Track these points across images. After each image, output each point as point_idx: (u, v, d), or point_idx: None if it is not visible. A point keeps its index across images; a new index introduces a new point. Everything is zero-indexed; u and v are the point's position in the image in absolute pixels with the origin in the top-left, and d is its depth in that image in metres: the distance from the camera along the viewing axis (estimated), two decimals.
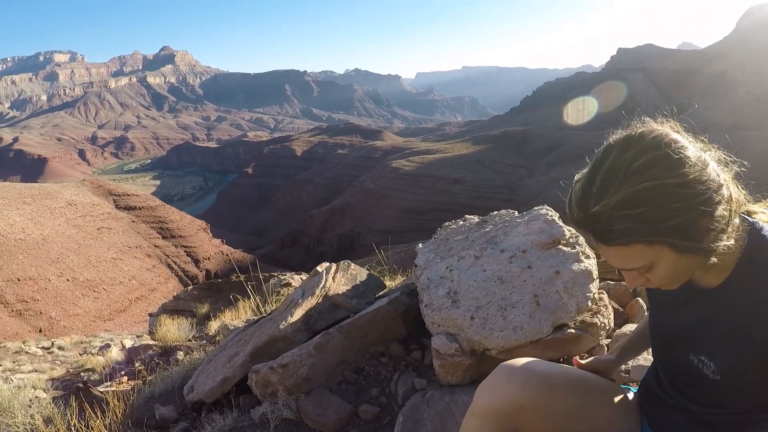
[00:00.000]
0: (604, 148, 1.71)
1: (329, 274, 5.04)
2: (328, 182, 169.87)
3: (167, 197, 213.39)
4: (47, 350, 21.52)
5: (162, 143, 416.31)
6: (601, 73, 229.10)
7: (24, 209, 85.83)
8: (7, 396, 5.62)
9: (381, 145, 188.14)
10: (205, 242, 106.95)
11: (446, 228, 4.79)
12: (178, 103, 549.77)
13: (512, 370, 2.19)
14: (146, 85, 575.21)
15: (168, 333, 9.61)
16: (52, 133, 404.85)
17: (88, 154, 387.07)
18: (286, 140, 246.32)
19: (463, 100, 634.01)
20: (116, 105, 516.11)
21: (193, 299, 15.27)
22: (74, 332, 54.28)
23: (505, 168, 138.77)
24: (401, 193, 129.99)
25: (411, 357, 4.36)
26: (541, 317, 3.55)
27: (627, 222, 1.55)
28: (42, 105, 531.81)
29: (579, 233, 1.70)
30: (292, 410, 4.05)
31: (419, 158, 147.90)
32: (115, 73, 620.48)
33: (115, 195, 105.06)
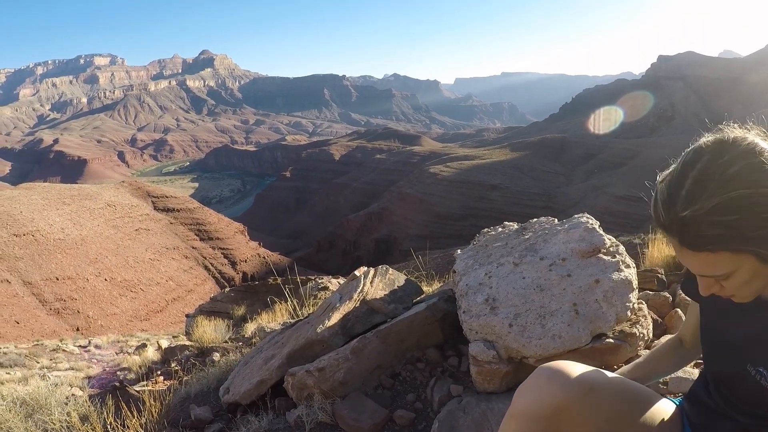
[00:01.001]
0: (694, 150, 1.63)
1: (367, 279, 5.04)
2: (366, 187, 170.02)
3: (205, 199, 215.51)
4: (84, 349, 21.83)
5: (201, 146, 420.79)
6: (641, 81, 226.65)
7: (63, 210, 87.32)
8: (44, 393, 5.68)
9: (419, 150, 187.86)
10: (242, 244, 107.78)
11: (485, 234, 4.77)
12: (217, 107, 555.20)
13: (553, 371, 2.17)
14: (185, 89, 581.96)
15: (204, 334, 9.68)
16: (92, 135, 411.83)
17: (128, 156, 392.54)
18: (324, 144, 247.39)
19: (502, 107, 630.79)
20: (156, 108, 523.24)
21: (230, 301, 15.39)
22: (111, 331, 55.04)
23: (544, 175, 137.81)
24: (438, 199, 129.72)
25: (447, 363, 4.34)
26: (579, 326, 3.52)
27: (719, 229, 1.51)
28: (82, 107, 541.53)
29: (663, 236, 1.62)
30: (327, 414, 4.05)
31: (457, 164, 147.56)
32: (154, 77, 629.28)
33: (153, 197, 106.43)
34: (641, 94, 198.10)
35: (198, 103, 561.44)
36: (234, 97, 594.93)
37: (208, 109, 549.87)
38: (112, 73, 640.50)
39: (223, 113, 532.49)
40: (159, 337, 22.63)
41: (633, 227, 75.59)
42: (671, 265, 6.01)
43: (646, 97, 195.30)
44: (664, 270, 5.64)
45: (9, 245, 74.50)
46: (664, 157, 7.34)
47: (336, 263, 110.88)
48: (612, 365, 3.64)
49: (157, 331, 42.43)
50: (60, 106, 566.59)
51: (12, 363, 17.16)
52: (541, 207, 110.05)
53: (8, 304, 66.60)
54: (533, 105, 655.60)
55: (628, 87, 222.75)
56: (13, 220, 78.70)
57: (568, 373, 2.16)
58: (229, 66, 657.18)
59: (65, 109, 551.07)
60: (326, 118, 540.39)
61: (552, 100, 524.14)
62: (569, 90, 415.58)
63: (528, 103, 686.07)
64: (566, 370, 2.17)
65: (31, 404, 5.55)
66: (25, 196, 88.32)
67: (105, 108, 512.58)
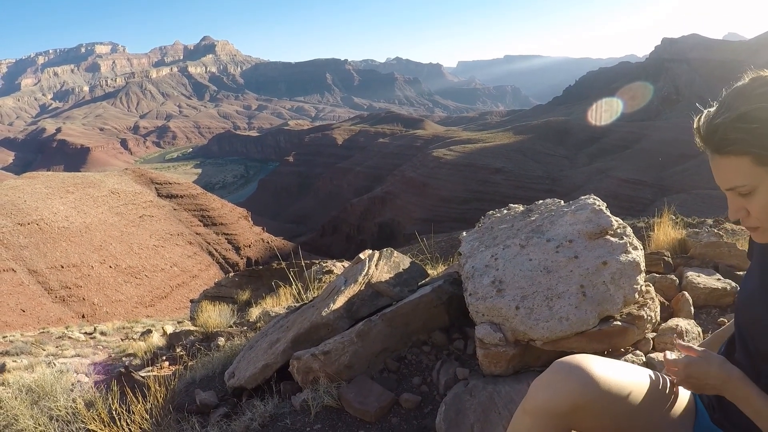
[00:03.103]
0: (736, 82, 1.92)
1: (372, 262, 5.01)
2: (369, 171, 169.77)
3: (208, 185, 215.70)
4: (90, 335, 21.90)
5: (203, 132, 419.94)
6: (645, 63, 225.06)
7: (67, 198, 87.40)
8: (50, 380, 5.69)
9: (422, 134, 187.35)
10: (246, 230, 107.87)
11: (490, 217, 4.73)
12: (219, 93, 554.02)
13: (571, 367, 2.14)
14: (187, 75, 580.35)
15: (209, 319, 9.69)
16: (94, 123, 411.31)
17: (130, 143, 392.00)
18: (327, 129, 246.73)
19: (505, 90, 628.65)
20: (158, 95, 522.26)
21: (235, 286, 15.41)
22: (116, 318, 55.23)
23: (547, 158, 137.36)
24: (442, 183, 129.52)
25: (453, 346, 4.33)
26: (587, 308, 3.49)
27: (741, 133, 1.79)
28: (84, 96, 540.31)
29: (700, 146, 1.95)
30: (333, 397, 4.04)
31: (460, 147, 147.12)
32: (156, 64, 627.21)
33: (156, 183, 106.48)
34: (641, 85, 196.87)
35: (200, 90, 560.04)
36: (236, 82, 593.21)
37: (211, 95, 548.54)
38: (113, 61, 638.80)
39: (225, 99, 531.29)
40: (164, 322, 22.68)
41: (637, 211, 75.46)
42: (677, 248, 5.99)
43: (646, 88, 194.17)
44: (670, 253, 5.62)
45: (14, 234, 74.62)
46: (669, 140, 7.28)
47: (340, 247, 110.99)
48: (619, 348, 3.63)
49: (162, 317, 42.54)
50: (62, 95, 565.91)
51: (18, 351, 17.22)
52: (545, 190, 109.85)
53: (14, 292, 66.76)
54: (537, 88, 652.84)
55: (632, 70, 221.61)
56: (17, 210, 78.78)
57: (587, 369, 2.13)
58: (231, 52, 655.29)
59: (67, 98, 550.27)
60: (329, 103, 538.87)
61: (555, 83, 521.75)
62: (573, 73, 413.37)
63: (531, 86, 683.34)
64: (585, 367, 2.14)
65: (36, 391, 5.56)
66: (29, 186, 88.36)
67: (107, 96, 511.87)
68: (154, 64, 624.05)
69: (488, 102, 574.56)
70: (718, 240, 5.65)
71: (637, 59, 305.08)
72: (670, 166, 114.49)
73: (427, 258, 7.29)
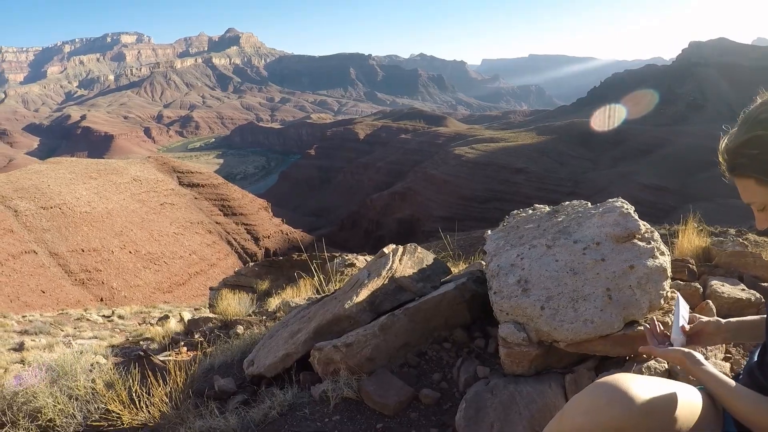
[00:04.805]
0: (755, 101, 2.10)
1: (396, 256, 5.01)
2: (390, 166, 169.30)
3: (230, 176, 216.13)
4: (108, 318, 22.15)
5: (226, 123, 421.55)
6: (671, 67, 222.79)
7: (90, 184, 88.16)
8: (70, 360, 5.75)
9: (444, 131, 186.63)
10: (266, 221, 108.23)
11: (515, 216, 4.72)
12: (242, 84, 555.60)
13: (613, 392, 2.12)
14: (211, 66, 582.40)
15: (229, 307, 9.75)
16: (118, 112, 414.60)
17: (154, 132, 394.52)
18: (349, 123, 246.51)
19: (529, 89, 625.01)
20: (182, 85, 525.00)
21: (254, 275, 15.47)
22: (134, 302, 55.74)
23: (570, 160, 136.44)
24: (463, 181, 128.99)
25: (474, 344, 4.32)
26: (612, 312, 3.47)
27: (744, 159, 2.00)
28: (109, 84, 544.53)
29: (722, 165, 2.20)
30: (353, 390, 4.05)
31: (483, 146, 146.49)
32: (180, 54, 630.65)
33: (178, 172, 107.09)
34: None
35: (224, 81, 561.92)
36: (260, 75, 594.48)
37: (234, 87, 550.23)
38: (138, 51, 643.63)
39: (248, 91, 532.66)
40: (181, 309, 22.85)
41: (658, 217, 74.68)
42: (701, 256, 5.93)
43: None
44: (694, 261, 5.57)
45: (36, 217, 75.41)
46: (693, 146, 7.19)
47: (358, 242, 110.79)
48: (642, 354, 3.60)
49: (179, 304, 42.83)
50: (87, 83, 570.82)
51: (37, 330, 17.46)
52: (567, 192, 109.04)
53: (35, 274, 67.50)
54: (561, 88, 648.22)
55: (659, 73, 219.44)
56: (41, 194, 79.60)
57: (629, 393, 2.11)
58: (255, 44, 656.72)
59: (92, 86, 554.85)
60: (352, 97, 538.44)
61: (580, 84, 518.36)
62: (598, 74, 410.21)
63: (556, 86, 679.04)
64: (627, 390, 2.12)
65: (57, 370, 5.61)
66: (53, 171, 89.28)
67: (132, 85, 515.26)
68: (179, 55, 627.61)
69: (512, 101, 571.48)
70: (743, 250, 5.58)
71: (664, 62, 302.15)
72: (694, 173, 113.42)
73: (449, 255, 7.28)
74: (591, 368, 3.59)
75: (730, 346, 3.99)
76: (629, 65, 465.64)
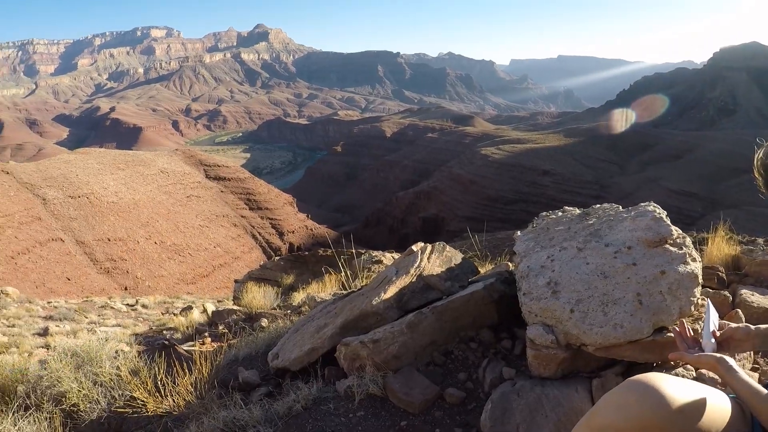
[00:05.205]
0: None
1: (424, 254, 5.01)
2: (416, 165, 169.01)
3: (256, 170, 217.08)
4: (131, 307, 22.41)
5: (254, 118, 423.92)
6: (701, 71, 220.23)
7: (118, 174, 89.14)
8: (95, 347, 5.82)
9: (471, 131, 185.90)
10: (291, 216, 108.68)
11: (545, 218, 4.70)
12: (270, 80, 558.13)
13: (645, 389, 2.13)
14: (240, 61, 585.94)
15: (254, 300, 9.81)
16: (147, 104, 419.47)
17: (182, 125, 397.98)
18: (376, 121, 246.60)
19: (558, 90, 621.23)
20: (210, 79, 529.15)
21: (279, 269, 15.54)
22: (158, 292, 56.29)
23: (597, 163, 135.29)
24: (489, 181, 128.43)
25: (501, 345, 4.31)
26: (642, 317, 3.45)
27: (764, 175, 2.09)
28: (138, 77, 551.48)
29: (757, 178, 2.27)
30: (378, 386, 4.06)
31: (509, 147, 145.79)
32: (209, 49, 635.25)
33: (205, 165, 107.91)
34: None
35: (252, 76, 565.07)
36: (288, 71, 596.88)
37: (262, 82, 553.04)
38: (168, 45, 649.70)
39: (276, 86, 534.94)
40: (204, 300, 23.03)
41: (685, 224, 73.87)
42: (730, 265, 5.88)
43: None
44: (723, 269, 5.52)
45: (64, 206, 76.39)
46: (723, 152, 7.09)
47: (382, 239, 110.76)
48: (670, 360, 3.57)
49: (202, 295, 43.18)
50: (117, 75, 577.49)
51: (62, 317, 17.71)
52: (593, 196, 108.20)
53: (61, 261, 68.42)
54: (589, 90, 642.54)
55: (688, 77, 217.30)
56: (69, 183, 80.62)
57: (660, 391, 2.12)
58: (284, 40, 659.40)
59: (122, 79, 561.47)
60: (379, 95, 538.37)
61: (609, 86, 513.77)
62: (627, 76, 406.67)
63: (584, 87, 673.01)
64: (659, 388, 2.13)
65: (82, 356, 5.68)
66: (82, 161, 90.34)
67: (161, 78, 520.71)
68: (208, 50, 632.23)
69: (540, 102, 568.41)
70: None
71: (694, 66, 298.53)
72: (723, 179, 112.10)
73: (475, 255, 7.26)
74: (619, 374, 3.57)
75: (759, 356, 3.96)
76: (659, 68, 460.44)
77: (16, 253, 65.42)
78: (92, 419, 4.88)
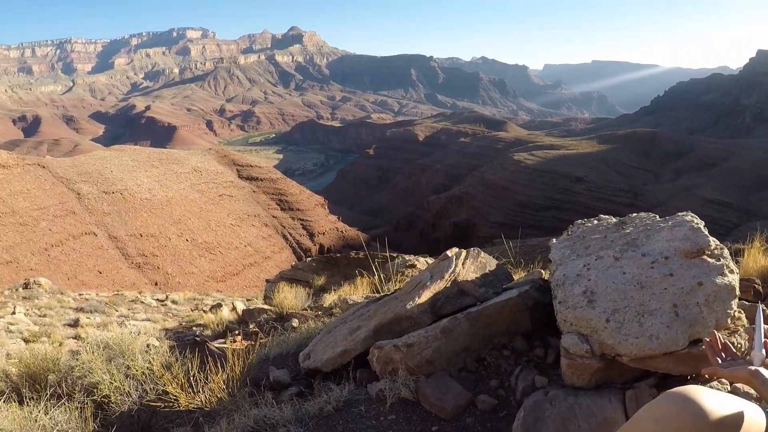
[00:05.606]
0: None
1: (459, 260, 5.00)
2: (448, 169, 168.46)
3: (288, 171, 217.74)
4: (161, 302, 22.65)
5: (287, 119, 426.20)
6: (737, 77, 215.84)
7: (152, 172, 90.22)
8: (127, 340, 5.90)
9: (504, 136, 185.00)
10: (322, 217, 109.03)
11: (580, 226, 4.68)
12: (304, 82, 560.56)
13: (684, 401, 2.11)
14: (274, 63, 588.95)
15: (285, 300, 9.85)
16: (182, 104, 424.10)
17: (216, 125, 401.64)
18: (409, 124, 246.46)
19: (591, 96, 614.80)
20: (244, 80, 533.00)
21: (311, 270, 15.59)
22: (188, 289, 56.85)
23: (630, 171, 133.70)
24: (521, 187, 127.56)
25: (533, 353, 4.29)
26: (678, 328, 3.41)
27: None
28: (174, 77, 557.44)
29: None
30: (410, 390, 4.06)
31: (542, 153, 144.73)
32: (244, 51, 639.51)
33: (238, 165, 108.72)
34: None
35: (286, 78, 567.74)
36: (321, 73, 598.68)
37: (296, 84, 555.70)
38: (203, 46, 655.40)
39: (310, 88, 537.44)
40: (234, 298, 23.20)
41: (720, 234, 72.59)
42: (766, 277, 5.80)
43: None
44: (760, 281, 5.45)
45: (98, 201, 77.51)
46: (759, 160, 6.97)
47: (412, 243, 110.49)
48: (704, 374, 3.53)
49: (231, 293, 43.51)
50: (152, 75, 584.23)
51: (92, 309, 17.98)
52: (626, 204, 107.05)
53: (93, 254, 69.50)
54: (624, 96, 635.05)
55: (724, 83, 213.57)
56: (103, 179, 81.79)
57: (699, 404, 2.11)
58: (318, 43, 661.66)
59: (157, 79, 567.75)
60: (412, 99, 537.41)
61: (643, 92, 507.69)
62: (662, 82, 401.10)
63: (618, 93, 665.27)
64: (698, 401, 2.12)
65: (114, 349, 5.75)
66: (116, 157, 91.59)
67: (195, 79, 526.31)
68: (243, 51, 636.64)
69: (573, 108, 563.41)
70: None
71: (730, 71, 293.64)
72: (759, 189, 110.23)
73: (509, 262, 7.22)
74: (652, 385, 3.54)
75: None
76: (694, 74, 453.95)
77: (49, 245, 66.59)
78: (122, 411, 4.94)
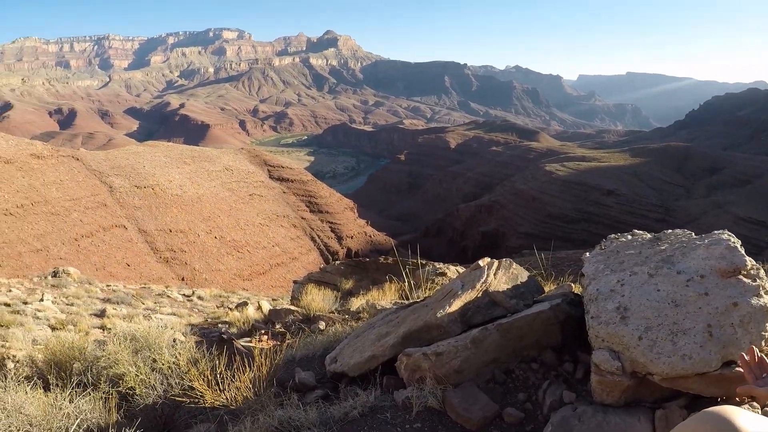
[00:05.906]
0: None
1: (491, 270, 4.98)
2: (479, 178, 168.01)
3: (319, 174, 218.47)
4: (187, 298, 22.85)
5: (319, 122, 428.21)
6: None
7: (183, 169, 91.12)
8: (154, 333, 5.94)
9: (536, 146, 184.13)
10: (351, 221, 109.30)
11: (614, 240, 4.63)
12: (337, 86, 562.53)
13: (719, 421, 2.10)
14: (308, 66, 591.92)
15: (312, 302, 9.87)
16: (216, 103, 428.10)
17: (248, 125, 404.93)
18: (441, 131, 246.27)
19: (625, 108, 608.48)
20: (278, 82, 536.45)
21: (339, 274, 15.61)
22: (214, 286, 57.36)
23: (663, 185, 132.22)
24: (552, 198, 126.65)
25: (562, 368, 4.26)
26: (711, 349, 3.37)
27: None
28: (208, 76, 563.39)
29: None
30: (437, 399, 4.05)
31: (574, 164, 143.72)
32: (279, 53, 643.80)
33: (269, 165, 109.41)
34: None
35: (319, 81, 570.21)
36: (355, 77, 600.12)
37: (329, 87, 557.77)
38: (238, 47, 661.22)
39: (343, 92, 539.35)
40: (260, 297, 23.28)
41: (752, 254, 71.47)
42: None
43: None
44: None
45: (130, 195, 78.50)
46: None
47: (441, 251, 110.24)
48: (735, 396, 3.48)
49: (257, 292, 43.71)
50: (188, 73, 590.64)
51: (119, 300, 18.20)
52: (657, 219, 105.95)
53: (122, 247, 70.42)
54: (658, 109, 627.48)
55: (761, 97, 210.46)
56: (135, 173, 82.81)
57: (734, 424, 2.09)
58: (352, 47, 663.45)
59: (192, 77, 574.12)
60: (445, 105, 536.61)
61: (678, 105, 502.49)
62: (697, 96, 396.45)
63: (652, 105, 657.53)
64: (733, 422, 2.10)
65: (140, 341, 5.80)
66: (149, 153, 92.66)
67: (230, 78, 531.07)
68: (278, 53, 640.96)
69: (606, 120, 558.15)
70: None
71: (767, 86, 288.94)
72: None
73: (539, 274, 7.17)
74: (682, 406, 3.50)
75: None
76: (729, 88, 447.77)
77: (80, 235, 67.61)
78: (147, 404, 4.97)
